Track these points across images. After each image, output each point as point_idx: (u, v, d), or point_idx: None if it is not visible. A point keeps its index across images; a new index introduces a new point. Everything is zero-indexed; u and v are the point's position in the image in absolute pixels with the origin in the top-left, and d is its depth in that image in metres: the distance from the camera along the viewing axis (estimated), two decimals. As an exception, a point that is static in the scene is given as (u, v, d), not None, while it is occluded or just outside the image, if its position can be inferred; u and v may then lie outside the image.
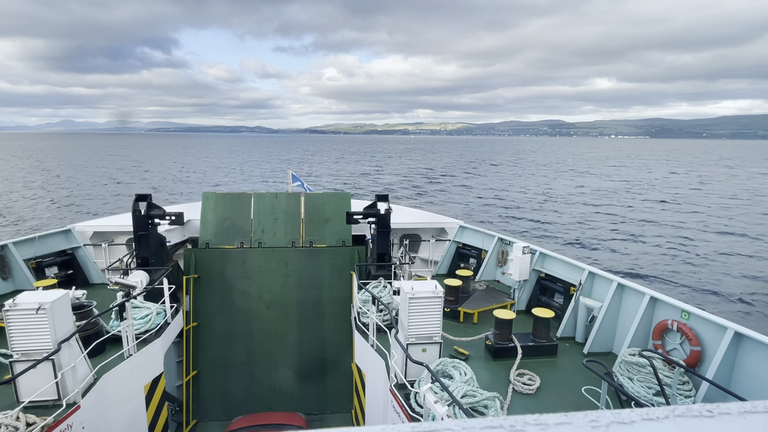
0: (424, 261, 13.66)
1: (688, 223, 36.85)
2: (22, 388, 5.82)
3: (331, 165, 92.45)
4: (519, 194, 52.69)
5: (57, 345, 5.73)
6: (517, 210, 42.28)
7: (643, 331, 7.57)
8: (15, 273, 10.46)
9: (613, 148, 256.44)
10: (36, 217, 35.99)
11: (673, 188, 60.12)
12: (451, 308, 9.48)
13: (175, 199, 43.14)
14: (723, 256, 27.14)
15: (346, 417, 10.96)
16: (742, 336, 6.14)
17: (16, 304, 5.67)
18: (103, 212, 34.79)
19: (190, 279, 11.06)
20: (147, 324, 8.20)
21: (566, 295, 9.43)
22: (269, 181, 62.89)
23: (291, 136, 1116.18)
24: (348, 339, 10.92)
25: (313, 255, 11.75)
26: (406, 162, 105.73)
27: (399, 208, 15.03)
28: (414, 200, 47.15)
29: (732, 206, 45.24)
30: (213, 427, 10.64)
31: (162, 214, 9.99)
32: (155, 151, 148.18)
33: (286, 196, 12.58)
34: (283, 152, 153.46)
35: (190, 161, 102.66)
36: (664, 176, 77.21)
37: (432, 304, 6.53)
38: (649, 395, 6.32)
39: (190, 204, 15.50)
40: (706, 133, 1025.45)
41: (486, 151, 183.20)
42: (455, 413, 5.18)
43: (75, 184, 56.85)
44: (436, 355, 6.71)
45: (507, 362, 7.55)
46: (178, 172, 68.72)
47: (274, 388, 11.13)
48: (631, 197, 51.39)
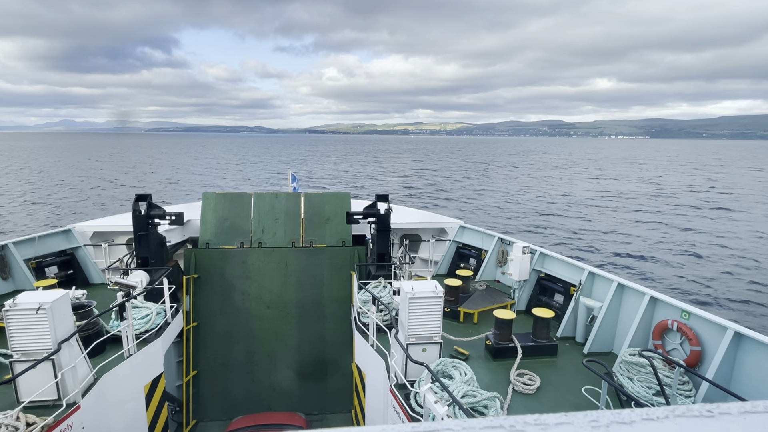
0: (424, 261, 13.66)
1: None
2: (22, 388, 5.82)
3: (330, 167, 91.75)
4: (541, 200, 48.68)
5: (57, 345, 5.73)
6: (549, 218, 38.64)
7: (643, 331, 7.58)
8: (15, 273, 10.46)
9: (621, 148, 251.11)
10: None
11: (714, 193, 55.45)
12: (451, 308, 9.48)
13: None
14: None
15: (346, 417, 10.96)
16: (742, 336, 6.14)
17: (16, 304, 5.67)
18: (98, 213, 34.81)
19: (190, 279, 11.06)
20: (147, 324, 8.20)
21: (566, 295, 9.43)
22: (263, 185, 61.89)
23: (290, 136, 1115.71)
24: (348, 339, 10.92)
25: (313, 255, 11.75)
26: (411, 164, 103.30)
27: (399, 208, 15.03)
28: (429, 201, 45.75)
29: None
30: (213, 427, 10.63)
31: (162, 214, 9.99)
32: (152, 152, 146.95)
33: (286, 196, 12.58)
34: (282, 152, 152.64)
35: (184, 161, 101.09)
36: (697, 181, 70.89)
37: (432, 304, 6.53)
38: (649, 395, 6.32)
39: (190, 204, 15.50)
40: (706, 133, 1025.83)
41: (491, 152, 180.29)
42: (455, 413, 5.18)
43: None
44: (436, 355, 6.71)
45: (507, 362, 7.55)
46: (172, 174, 67.47)
47: (274, 388, 11.13)
48: (670, 201, 48.02)
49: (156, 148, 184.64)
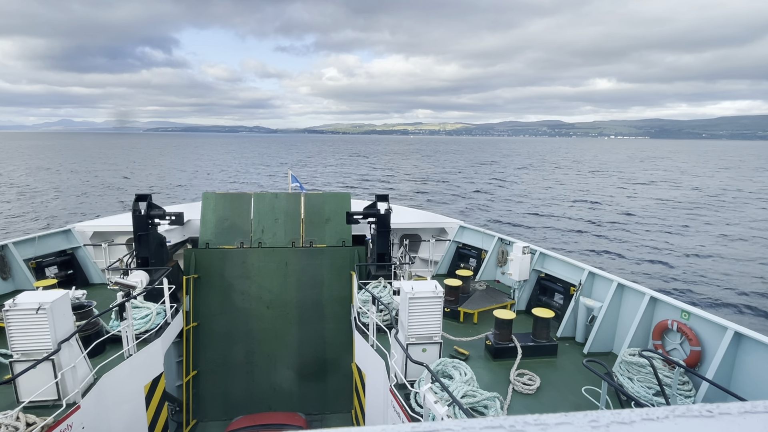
0: (424, 261, 13.66)
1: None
2: (22, 388, 5.82)
3: (330, 167, 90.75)
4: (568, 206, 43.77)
5: (57, 345, 5.73)
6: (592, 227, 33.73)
7: (643, 331, 7.58)
8: (15, 273, 10.46)
9: (631, 149, 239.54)
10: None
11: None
12: (451, 308, 9.48)
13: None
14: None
15: (346, 417, 10.96)
16: (742, 336, 6.14)
17: (16, 304, 5.67)
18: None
19: (190, 279, 11.06)
20: (147, 324, 8.19)
21: (566, 295, 9.43)
22: (253, 184, 60.12)
23: (289, 136, 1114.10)
24: (348, 339, 10.92)
25: (313, 255, 11.75)
26: (426, 166, 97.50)
27: (399, 208, 15.04)
28: (477, 216, 39.62)
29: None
30: (213, 427, 10.63)
31: (162, 214, 9.99)
32: (147, 152, 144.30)
33: (286, 196, 12.58)
34: (280, 153, 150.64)
35: (173, 163, 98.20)
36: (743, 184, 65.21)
37: (432, 304, 6.53)
38: (649, 395, 6.32)
39: (190, 204, 15.50)
40: (705, 133, 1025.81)
41: (500, 152, 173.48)
42: (455, 413, 5.18)
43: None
44: (436, 355, 6.71)
45: (507, 362, 7.55)
46: (158, 180, 65.16)
47: (274, 388, 11.13)
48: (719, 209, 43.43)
49: (148, 148, 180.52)
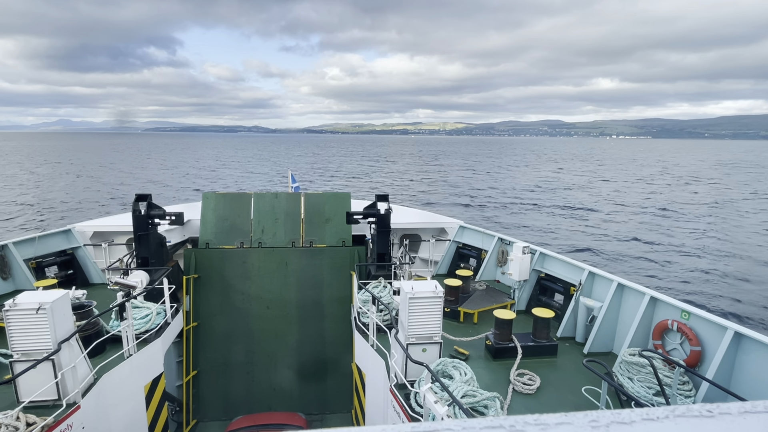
0: (424, 261, 13.66)
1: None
2: (22, 388, 5.82)
3: (328, 168, 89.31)
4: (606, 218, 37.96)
5: (57, 345, 5.73)
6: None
7: (643, 331, 7.58)
8: (15, 273, 10.46)
9: (642, 149, 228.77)
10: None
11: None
12: (451, 308, 9.48)
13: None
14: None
15: (346, 417, 10.96)
16: (742, 336, 6.14)
17: (16, 304, 5.67)
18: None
19: (190, 279, 11.06)
20: (147, 324, 8.20)
21: (566, 295, 9.43)
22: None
23: (288, 135, 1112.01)
24: (348, 339, 10.92)
25: (313, 255, 11.75)
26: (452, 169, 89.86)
27: (399, 208, 15.04)
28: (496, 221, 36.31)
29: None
30: (213, 427, 10.63)
31: (162, 214, 9.99)
32: (141, 153, 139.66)
33: (286, 196, 12.58)
34: (279, 154, 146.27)
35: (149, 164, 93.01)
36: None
37: (432, 304, 6.53)
38: (649, 395, 6.32)
39: (190, 204, 15.50)
40: (707, 133, 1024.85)
41: (510, 153, 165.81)
42: (455, 413, 5.18)
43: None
44: (436, 355, 6.71)
45: (507, 362, 7.55)
46: (156, 180, 63.48)
47: (274, 388, 11.13)
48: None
49: (141, 148, 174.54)
